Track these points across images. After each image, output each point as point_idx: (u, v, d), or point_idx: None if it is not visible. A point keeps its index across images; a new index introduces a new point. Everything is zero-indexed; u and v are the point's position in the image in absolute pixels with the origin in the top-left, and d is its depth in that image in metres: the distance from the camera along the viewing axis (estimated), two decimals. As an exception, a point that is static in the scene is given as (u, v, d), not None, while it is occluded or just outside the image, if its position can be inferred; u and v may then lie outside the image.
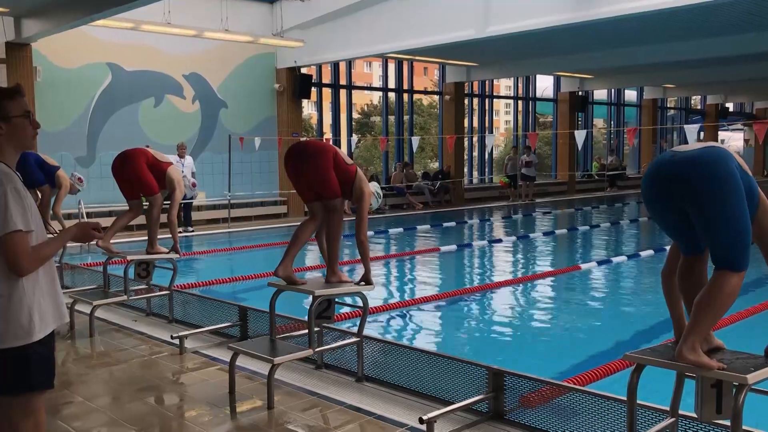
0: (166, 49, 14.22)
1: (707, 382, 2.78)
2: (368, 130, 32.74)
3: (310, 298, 4.47)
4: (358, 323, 4.67)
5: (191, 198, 13.18)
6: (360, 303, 4.64)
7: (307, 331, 4.49)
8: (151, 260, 6.44)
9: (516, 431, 3.78)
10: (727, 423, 2.69)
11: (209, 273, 8.81)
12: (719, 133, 32.81)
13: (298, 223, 4.91)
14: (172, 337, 5.49)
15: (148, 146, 6.30)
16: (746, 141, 34.12)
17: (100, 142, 13.64)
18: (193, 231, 13.10)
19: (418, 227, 13.96)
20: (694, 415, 2.89)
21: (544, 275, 8.79)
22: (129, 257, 6.39)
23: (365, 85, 33.71)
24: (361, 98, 33.04)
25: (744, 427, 2.66)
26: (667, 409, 3.01)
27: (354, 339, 4.63)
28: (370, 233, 12.92)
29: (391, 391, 4.41)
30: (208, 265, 9.70)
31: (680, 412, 2.98)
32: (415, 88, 22.08)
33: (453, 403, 3.95)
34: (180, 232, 12.85)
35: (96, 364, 5.23)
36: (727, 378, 2.66)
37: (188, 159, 13.23)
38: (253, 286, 7.93)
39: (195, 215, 13.80)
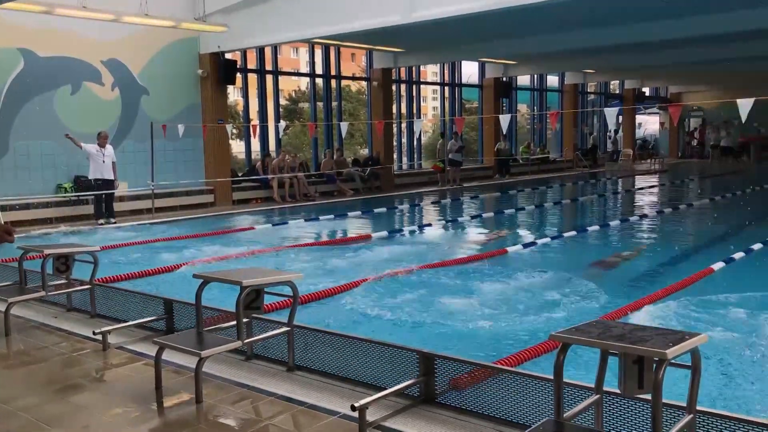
0: (83, 34, 13.63)
1: (629, 359, 2.87)
2: (296, 116, 32.40)
3: (239, 288, 4.38)
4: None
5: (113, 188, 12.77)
6: (290, 292, 4.58)
7: (235, 322, 4.40)
8: (70, 254, 6.18)
9: (447, 414, 3.82)
10: (649, 397, 2.78)
11: (133, 265, 8.54)
12: (636, 116, 34.03)
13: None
14: (94, 333, 5.30)
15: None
16: (662, 124, 35.52)
17: (14, 131, 12.98)
18: (115, 222, 12.68)
19: (349, 214, 13.93)
20: (618, 391, 2.98)
21: (472, 258, 8.91)
22: (46, 251, 6.11)
23: (292, 71, 33.30)
24: (288, 84, 32.63)
25: (664, 400, 2.76)
26: (592, 386, 3.09)
27: (284, 328, 4.58)
28: (299, 221, 12.85)
29: (322, 380, 4.39)
30: (132, 257, 9.40)
31: (605, 388, 3.06)
32: (343, 74, 21.95)
33: (385, 389, 3.96)
34: (102, 224, 12.48)
35: (13, 364, 5.00)
36: (648, 353, 2.75)
37: (109, 148, 12.77)
38: (179, 278, 7.73)
39: (117, 206, 13.35)
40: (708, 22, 14.32)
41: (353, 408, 3.63)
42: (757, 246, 9.18)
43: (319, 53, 20.13)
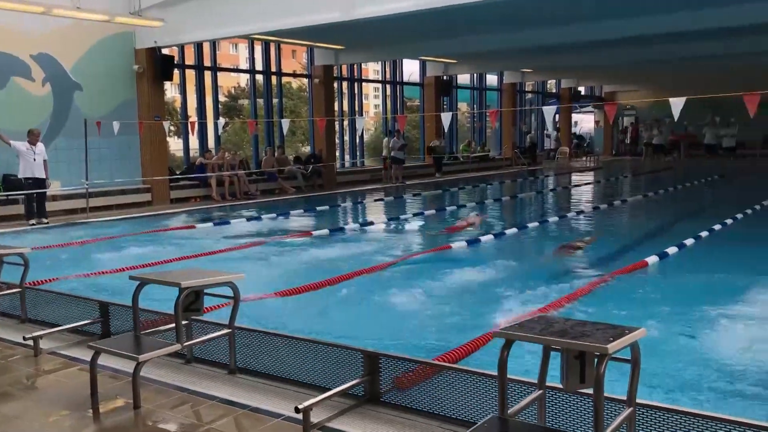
0: (12, 27, 13.08)
1: (571, 354, 2.90)
2: (236, 113, 31.94)
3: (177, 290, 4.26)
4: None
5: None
6: (231, 293, 4.48)
7: (174, 325, 4.28)
8: (-2, 256, 5.92)
9: (392, 413, 3.81)
10: (591, 391, 2.82)
11: (66, 267, 8.24)
12: (573, 115, 34.83)
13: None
14: (24, 338, 5.08)
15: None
16: (596, 122, 36.46)
17: (-64, 128, 12.38)
18: (47, 222, 12.22)
19: (291, 212, 13.80)
20: (561, 386, 3.01)
21: (415, 255, 8.93)
22: (-29, 254, 5.83)
23: (231, 67, 32.82)
24: (227, 80, 32.12)
25: (605, 394, 2.81)
26: (535, 381, 3.12)
27: (225, 331, 4.48)
28: (241, 220, 12.64)
29: (265, 382, 4.32)
30: (65, 259, 9.07)
31: (547, 383, 3.09)
32: (284, 70, 21.74)
33: (329, 390, 3.92)
34: (33, 224, 12.01)
35: (-64, 373, 4.75)
36: (589, 349, 2.79)
37: (40, 146, 12.29)
38: (115, 280, 7.49)
39: (49, 206, 12.87)
40: (641, 24, 14.74)
41: (297, 410, 3.57)
42: (689, 241, 9.50)
43: (259, 49, 19.87)
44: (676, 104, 8.18)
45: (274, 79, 20.45)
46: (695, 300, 6.39)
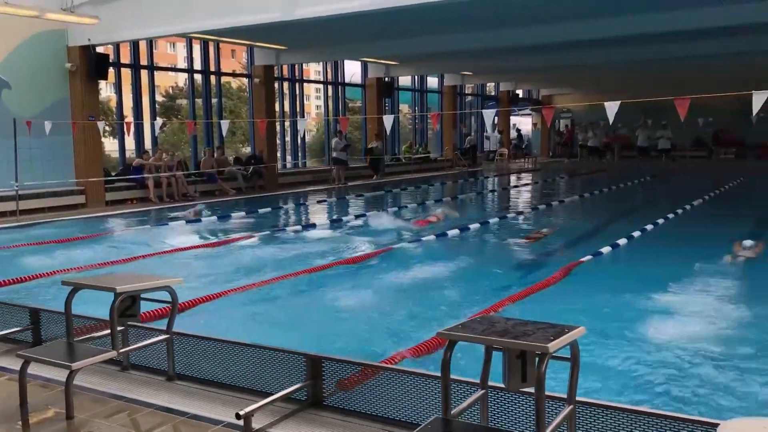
0: (-68, 21, 12.50)
1: (513, 354, 2.93)
2: (174, 113, 31.32)
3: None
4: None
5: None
6: (169, 298, 4.36)
7: (109, 331, 4.14)
8: None
9: (335, 416, 3.78)
10: (532, 390, 2.85)
11: (-6, 273, 7.89)
12: (511, 117, 35.43)
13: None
14: (-53, 349, 4.85)
15: None
16: (534, 125, 37.19)
17: None
18: (-27, 226, 11.71)
19: (232, 214, 13.59)
20: (503, 386, 3.03)
21: (358, 258, 8.91)
22: None
23: (169, 66, 32.14)
24: (165, 80, 31.48)
25: (547, 393, 2.84)
26: (478, 381, 3.14)
27: (163, 336, 4.36)
28: (179, 222, 12.37)
29: (205, 388, 4.22)
30: (-7, 263, 8.70)
31: (490, 383, 3.11)
32: (223, 70, 21.43)
33: (272, 395, 3.86)
34: (-43, 229, 11.47)
35: None
36: (530, 348, 2.82)
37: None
38: (47, 286, 7.22)
39: (-25, 209, 12.34)
40: (576, 29, 15.12)
41: (238, 416, 3.51)
42: (621, 240, 9.78)
43: (197, 48, 19.51)
44: (611, 107, 8.40)
45: (213, 78, 20.12)
46: (629, 299, 6.57)
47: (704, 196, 15.46)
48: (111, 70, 16.10)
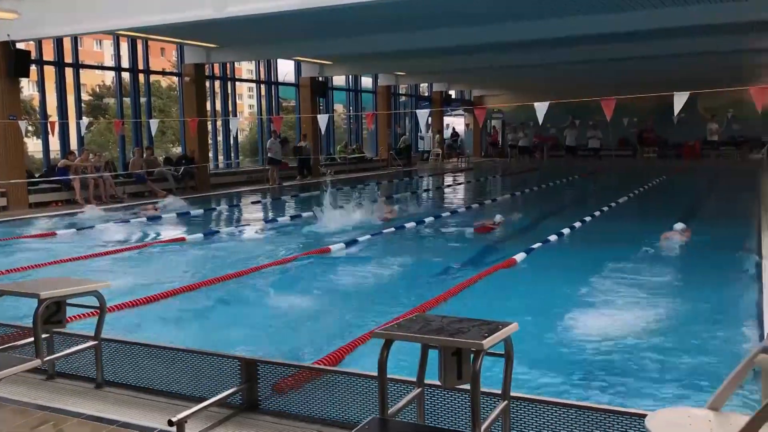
0: None
1: (448, 351, 2.95)
2: (101, 112, 30.37)
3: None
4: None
5: None
6: (96, 303, 4.22)
7: (33, 339, 3.98)
8: None
9: (272, 419, 3.74)
10: (468, 387, 2.88)
11: None
12: (444, 118, 35.84)
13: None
14: None
15: None
16: (467, 125, 37.73)
17: None
18: None
19: (163, 216, 13.26)
20: (439, 383, 3.06)
21: (293, 259, 8.84)
22: None
23: (95, 65, 31.12)
24: (91, 78, 30.48)
25: (482, 389, 2.88)
26: (414, 380, 3.15)
27: (90, 343, 4.22)
28: (107, 224, 11.98)
29: (136, 395, 4.10)
30: None
31: (426, 381, 3.13)
32: (152, 68, 20.91)
33: (206, 400, 3.78)
34: None
35: None
36: (465, 345, 2.85)
37: None
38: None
39: None
40: (504, 30, 15.41)
41: (170, 423, 3.42)
42: (552, 237, 10.02)
43: (125, 46, 18.97)
44: (540, 108, 8.59)
45: (141, 77, 19.61)
46: (560, 293, 6.74)
47: (629, 193, 16.00)
48: (33, 67, 15.48)
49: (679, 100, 8.18)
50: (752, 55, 22.35)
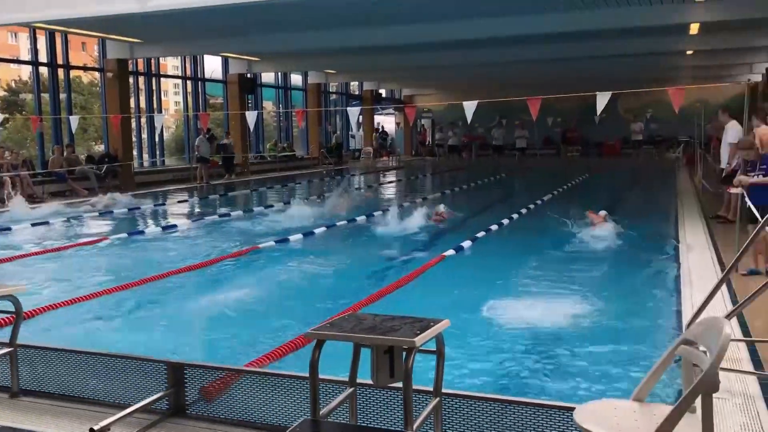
0: None
1: (380, 350, 2.93)
2: (17, 109, 29.06)
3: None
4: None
5: None
6: (12, 308, 4.01)
7: (-59, 347, 3.75)
8: None
9: (199, 425, 3.63)
10: (400, 385, 2.87)
11: None
12: (375, 116, 35.95)
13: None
14: None
15: None
16: (397, 124, 37.95)
17: None
18: None
19: (85, 216, 12.79)
20: (372, 382, 3.03)
21: (222, 259, 8.66)
22: None
23: (10, 58, 29.74)
24: (6, 73, 29.16)
25: (414, 386, 2.87)
26: (347, 379, 3.12)
27: (5, 350, 4.00)
28: (24, 225, 11.45)
29: (56, 404, 3.92)
30: None
31: (358, 380, 3.11)
32: (73, 63, 20.14)
33: (130, 406, 3.64)
34: None
35: None
36: (397, 343, 2.83)
37: None
38: None
39: None
40: (434, 30, 15.55)
41: (92, 431, 3.28)
42: (480, 233, 10.17)
43: (42, 40, 18.19)
44: (469, 107, 8.71)
45: (61, 72, 18.85)
46: (491, 289, 6.83)
47: (553, 191, 16.41)
48: (-59, 60, 14.68)
49: (601, 100, 8.44)
50: (668, 58, 23.33)
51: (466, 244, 9.41)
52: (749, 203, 6.63)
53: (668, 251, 8.69)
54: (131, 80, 20.40)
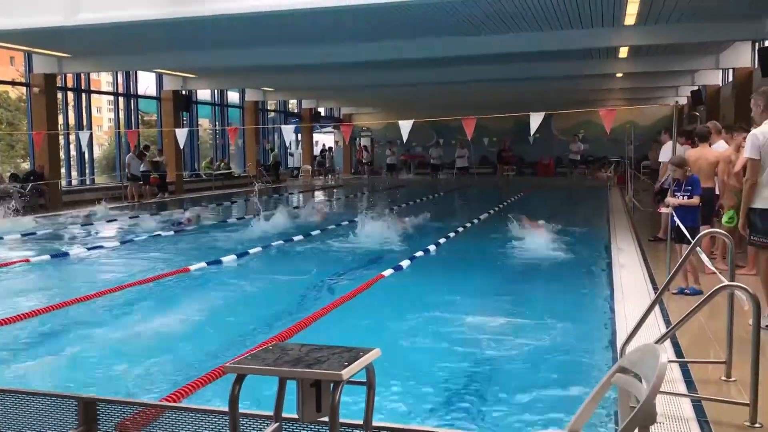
0: None
1: (306, 383, 2.77)
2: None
3: None
4: None
5: None
6: None
7: None
8: None
9: (113, 464, 3.37)
10: (327, 419, 2.71)
11: None
12: (314, 134, 35.78)
13: None
14: None
15: None
16: (336, 142, 37.88)
17: None
18: None
19: (5, 237, 12.17)
20: (297, 417, 2.86)
21: (149, 280, 8.31)
22: None
23: (-70, 72, 28.36)
24: (-76, 86, 27.79)
25: (343, 420, 2.71)
26: (272, 414, 2.94)
27: None
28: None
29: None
30: None
31: (284, 415, 2.93)
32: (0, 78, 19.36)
33: (35, 447, 3.36)
34: None
35: None
36: (323, 377, 2.67)
37: None
38: None
39: None
40: (370, 49, 15.57)
41: (-9, 478, 2.99)
42: (418, 253, 10.10)
43: (-38, 52, 17.41)
44: (405, 126, 8.67)
45: (-17, 86, 18.07)
46: (427, 312, 6.72)
47: (490, 209, 16.55)
48: None
49: (535, 120, 8.52)
50: (600, 80, 24.05)
51: (405, 263, 9.30)
52: (678, 223, 6.74)
53: (602, 270, 8.79)
54: (60, 96, 19.69)
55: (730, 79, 20.77)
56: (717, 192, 8.18)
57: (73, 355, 5.53)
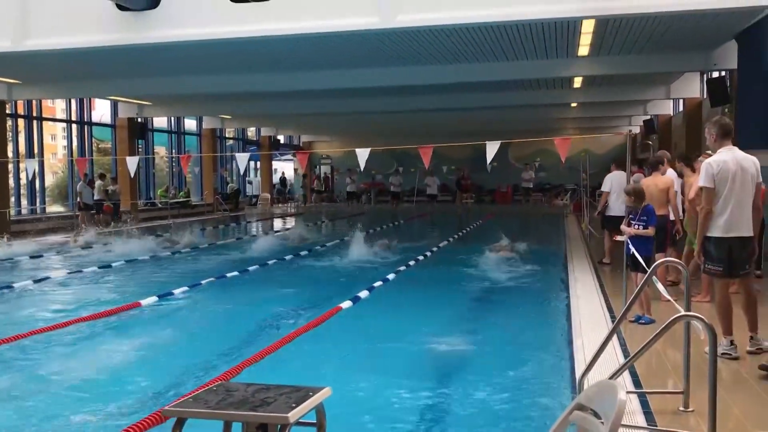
0: None
1: (252, 426, 2.62)
2: None
3: None
4: None
5: None
6: None
7: None
8: None
9: None
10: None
11: None
12: (273, 162, 35.56)
13: None
14: None
15: None
16: (296, 170, 37.71)
17: None
18: None
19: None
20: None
21: (94, 317, 7.97)
22: None
23: None
24: None
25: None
26: (216, 459, 2.77)
27: None
28: None
29: None
30: None
31: (229, 460, 2.76)
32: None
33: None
34: None
35: None
36: (270, 420, 2.53)
37: None
38: None
39: None
40: (329, 78, 15.53)
41: None
42: (377, 283, 9.96)
43: None
44: (362, 154, 8.60)
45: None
46: (383, 344, 6.59)
47: (450, 237, 16.55)
48: None
49: (491, 148, 8.53)
50: (555, 109, 24.46)
51: (364, 294, 9.14)
52: (634, 251, 6.76)
53: (559, 297, 8.79)
54: (9, 123, 19.19)
55: (681, 108, 21.32)
56: (671, 218, 8.28)
57: (12, 396, 5.24)
